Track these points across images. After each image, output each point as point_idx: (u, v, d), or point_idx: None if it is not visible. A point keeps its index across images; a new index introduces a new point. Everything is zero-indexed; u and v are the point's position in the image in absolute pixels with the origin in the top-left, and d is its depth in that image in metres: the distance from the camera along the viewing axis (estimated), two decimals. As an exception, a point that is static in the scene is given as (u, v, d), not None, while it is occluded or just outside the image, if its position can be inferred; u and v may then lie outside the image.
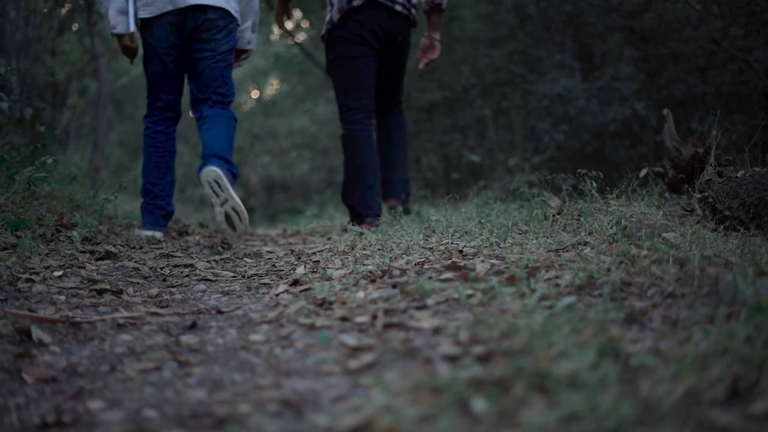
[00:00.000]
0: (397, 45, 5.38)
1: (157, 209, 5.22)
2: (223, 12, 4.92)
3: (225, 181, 4.66)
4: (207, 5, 4.83)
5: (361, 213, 5.25)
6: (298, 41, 16.74)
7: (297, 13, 16.72)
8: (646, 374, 1.73)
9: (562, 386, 1.64)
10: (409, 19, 5.36)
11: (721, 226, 3.67)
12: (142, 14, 4.88)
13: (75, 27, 13.45)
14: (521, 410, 1.57)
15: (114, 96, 16.58)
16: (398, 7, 5.21)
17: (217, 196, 4.73)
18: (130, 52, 5.11)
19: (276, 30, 19.90)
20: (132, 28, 4.92)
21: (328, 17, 5.32)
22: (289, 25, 5.74)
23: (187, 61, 5.03)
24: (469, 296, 2.62)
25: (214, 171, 4.66)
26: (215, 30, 4.91)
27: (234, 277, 4.06)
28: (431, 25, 5.54)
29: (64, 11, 11.86)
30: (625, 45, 10.19)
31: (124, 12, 4.88)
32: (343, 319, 2.59)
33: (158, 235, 5.16)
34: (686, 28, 9.32)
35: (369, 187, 5.22)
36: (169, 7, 4.81)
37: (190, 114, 5.31)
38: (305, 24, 17.25)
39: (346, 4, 5.15)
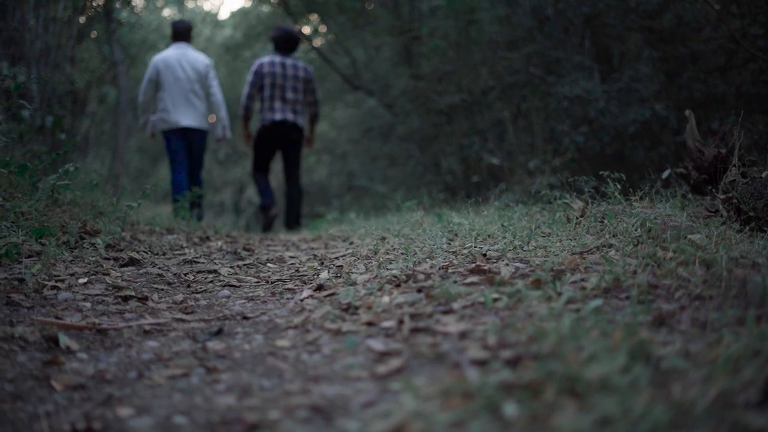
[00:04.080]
0: (292, 141, 9.18)
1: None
2: (198, 128, 8.76)
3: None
4: (191, 127, 8.66)
5: (267, 204, 9.08)
6: (315, 46, 16.75)
7: (314, 17, 16.76)
8: (677, 377, 1.72)
9: (593, 390, 1.63)
10: (297, 126, 9.10)
11: (747, 227, 3.64)
12: (162, 127, 8.70)
13: (94, 35, 13.51)
14: (553, 414, 1.56)
15: (133, 103, 16.61)
16: (290, 120, 8.98)
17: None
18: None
19: None
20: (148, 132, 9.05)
21: (257, 126, 9.22)
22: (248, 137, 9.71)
23: (188, 147, 8.79)
24: (495, 300, 2.62)
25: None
26: (196, 136, 8.79)
27: (258, 282, 4.06)
28: (310, 129, 9.63)
29: (83, 19, 11.91)
30: (644, 46, 10.14)
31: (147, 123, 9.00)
32: (369, 323, 2.59)
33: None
34: (705, 28, 9.26)
35: (266, 195, 9.17)
36: (173, 126, 8.61)
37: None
38: (323, 29, 17.25)
39: (263, 124, 9.04)
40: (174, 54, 8.59)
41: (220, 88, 9.16)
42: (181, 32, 8.81)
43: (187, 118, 8.54)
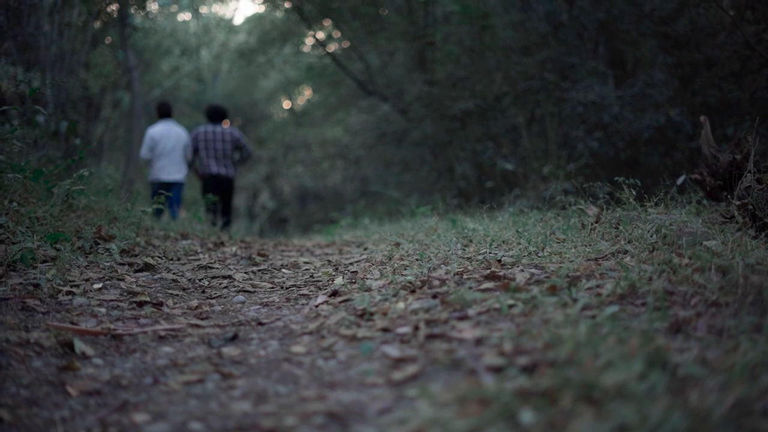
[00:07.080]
0: (225, 190, 11.34)
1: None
2: (177, 181, 10.99)
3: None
4: (172, 181, 10.86)
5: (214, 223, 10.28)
6: (329, 51, 16.76)
7: (328, 22, 16.79)
8: (694, 384, 1.71)
9: (611, 397, 1.63)
10: (229, 178, 11.36)
11: (762, 234, 3.63)
12: (152, 179, 11.11)
13: (108, 40, 13.56)
14: (570, 422, 1.55)
15: (147, 108, 16.71)
16: (222, 173, 11.23)
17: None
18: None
19: (307, 42, 20.02)
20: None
21: (201, 175, 11.39)
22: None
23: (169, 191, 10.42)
24: (511, 306, 2.61)
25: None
26: (174, 186, 10.89)
27: (272, 288, 4.06)
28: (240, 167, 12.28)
29: (97, 24, 11.97)
30: (659, 51, 10.12)
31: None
32: (385, 330, 2.59)
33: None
34: (720, 34, 9.24)
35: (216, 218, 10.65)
36: (158, 180, 10.87)
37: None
38: (337, 34, 17.26)
39: (204, 174, 11.21)
40: (164, 129, 11.21)
41: (191, 150, 11.63)
42: (165, 112, 11.41)
43: (167, 174, 11.14)
